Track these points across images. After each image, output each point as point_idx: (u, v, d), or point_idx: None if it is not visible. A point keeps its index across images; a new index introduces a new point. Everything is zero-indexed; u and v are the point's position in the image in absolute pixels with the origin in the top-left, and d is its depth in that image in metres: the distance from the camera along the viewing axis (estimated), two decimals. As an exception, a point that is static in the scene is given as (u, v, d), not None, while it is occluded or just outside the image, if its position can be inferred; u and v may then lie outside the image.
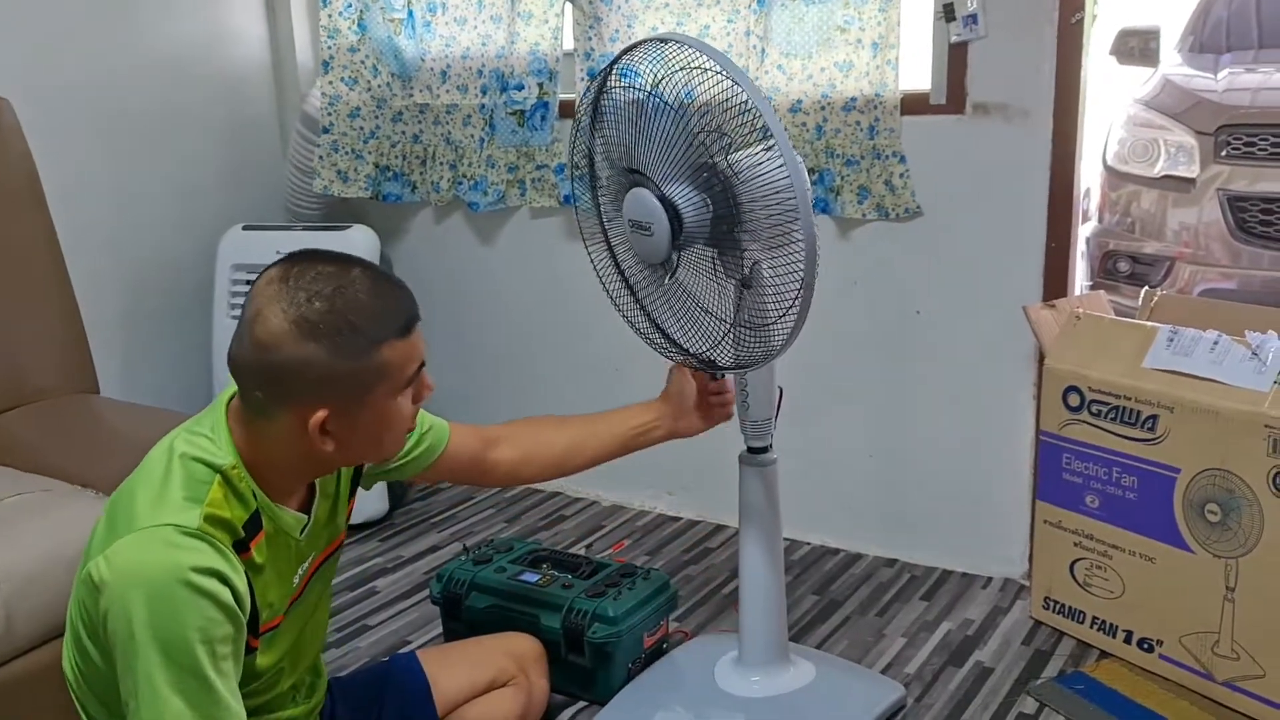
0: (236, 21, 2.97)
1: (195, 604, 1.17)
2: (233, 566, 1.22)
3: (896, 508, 2.56)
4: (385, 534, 2.80)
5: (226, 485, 1.25)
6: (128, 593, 1.17)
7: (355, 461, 1.45)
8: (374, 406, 1.29)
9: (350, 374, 1.25)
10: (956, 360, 2.41)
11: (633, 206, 1.64)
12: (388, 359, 1.27)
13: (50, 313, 2.27)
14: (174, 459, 1.26)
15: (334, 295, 1.24)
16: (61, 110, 2.55)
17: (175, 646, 1.16)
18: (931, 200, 2.36)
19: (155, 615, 1.16)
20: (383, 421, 1.31)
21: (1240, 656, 1.91)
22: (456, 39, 2.79)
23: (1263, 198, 3.45)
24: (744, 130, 1.53)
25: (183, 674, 1.17)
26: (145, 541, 1.19)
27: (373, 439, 1.34)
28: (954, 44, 2.25)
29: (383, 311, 1.27)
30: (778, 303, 1.60)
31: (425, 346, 1.35)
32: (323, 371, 1.23)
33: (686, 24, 2.48)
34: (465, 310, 3.05)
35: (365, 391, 1.27)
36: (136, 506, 1.23)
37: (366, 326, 1.25)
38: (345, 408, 1.26)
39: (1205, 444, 1.91)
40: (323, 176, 2.91)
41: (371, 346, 1.25)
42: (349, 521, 1.55)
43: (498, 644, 1.83)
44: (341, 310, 1.23)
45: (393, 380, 1.29)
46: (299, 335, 1.22)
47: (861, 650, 2.19)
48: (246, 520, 1.27)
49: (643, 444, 1.82)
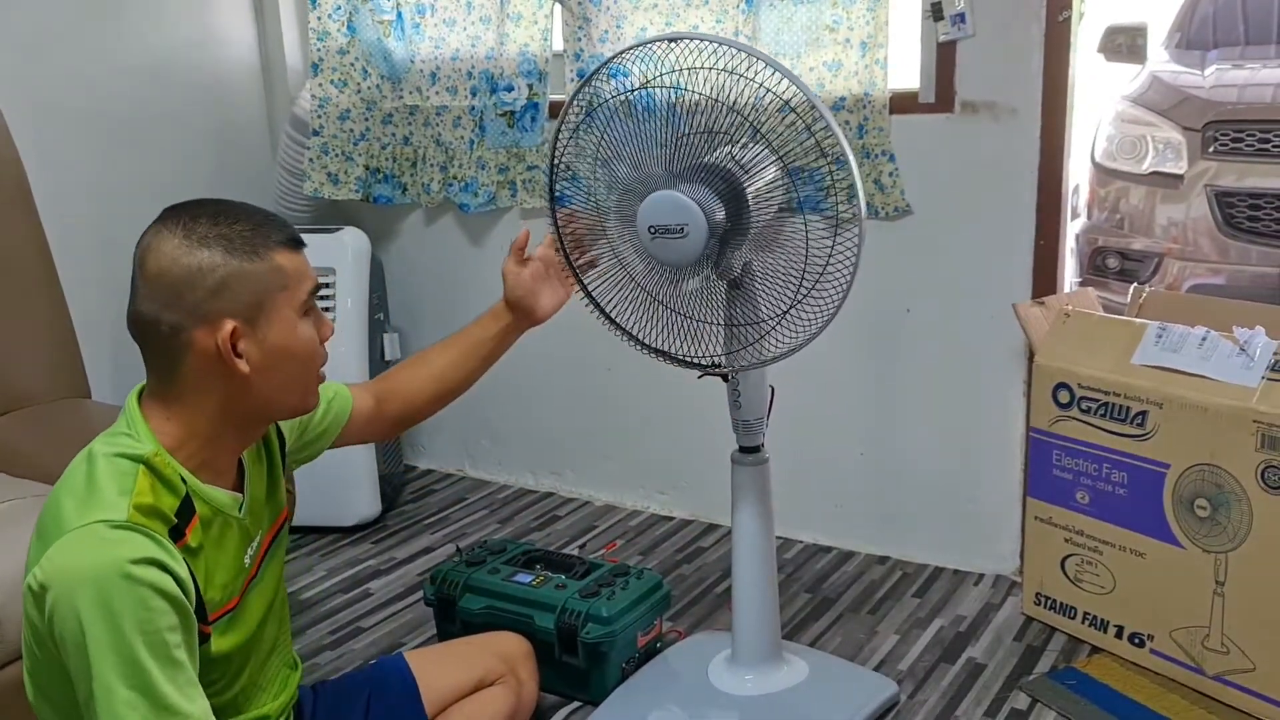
0: (225, 24, 2.97)
1: (138, 595, 1.15)
2: (170, 554, 1.20)
3: (888, 505, 2.57)
4: (378, 536, 2.80)
5: (152, 474, 1.24)
6: (70, 594, 1.15)
7: (277, 405, 1.37)
8: (279, 319, 1.28)
9: (247, 275, 1.25)
10: (947, 358, 2.42)
11: (655, 211, 1.61)
12: (282, 264, 1.28)
13: (41, 317, 2.27)
14: (94, 461, 1.25)
15: (216, 214, 1.27)
16: (50, 114, 2.55)
17: (124, 640, 1.15)
18: (921, 199, 2.36)
19: (101, 611, 1.14)
20: (292, 341, 1.29)
21: (1230, 650, 1.93)
22: (446, 40, 2.79)
23: (1250, 193, 3.47)
24: (793, 131, 1.53)
25: (134, 667, 1.15)
26: (78, 541, 1.17)
27: (286, 364, 1.30)
28: (942, 43, 2.26)
29: (267, 222, 1.30)
30: (770, 303, 1.60)
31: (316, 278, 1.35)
32: (220, 275, 1.24)
33: (675, 24, 2.49)
34: (457, 311, 3.03)
35: (266, 296, 1.26)
36: (63, 512, 1.21)
37: (254, 232, 1.27)
38: (251, 319, 1.26)
39: (1194, 439, 1.92)
40: (313, 179, 2.91)
41: (263, 249, 1.27)
42: (293, 504, 1.55)
43: (486, 644, 1.82)
44: (228, 221, 1.27)
45: (291, 291, 1.28)
46: (191, 247, 1.24)
47: (854, 648, 2.20)
48: (178, 507, 1.25)
49: (510, 343, 1.83)
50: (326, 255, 2.72)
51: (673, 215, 1.59)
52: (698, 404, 2.56)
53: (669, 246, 1.61)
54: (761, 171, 1.60)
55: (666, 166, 1.63)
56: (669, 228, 1.60)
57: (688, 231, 1.59)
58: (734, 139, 1.59)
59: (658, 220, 1.61)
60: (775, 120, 1.55)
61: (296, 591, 2.51)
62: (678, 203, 1.59)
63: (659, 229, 1.61)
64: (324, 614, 2.41)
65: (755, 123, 1.55)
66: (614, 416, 2.89)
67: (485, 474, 3.15)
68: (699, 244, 1.59)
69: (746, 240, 1.63)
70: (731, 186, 1.60)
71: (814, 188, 1.57)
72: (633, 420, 2.86)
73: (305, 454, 1.61)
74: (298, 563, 2.65)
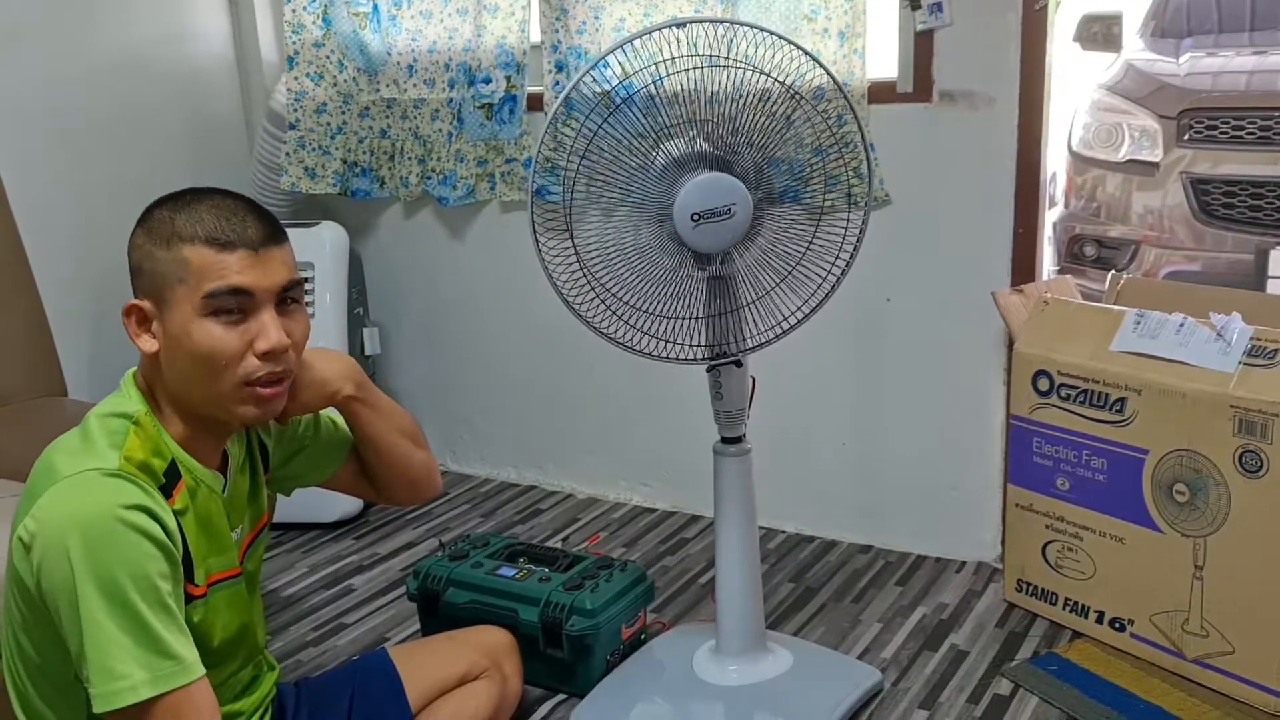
0: (199, 18, 2.94)
1: (130, 539, 1.16)
2: (159, 505, 1.22)
3: (870, 494, 2.58)
4: (360, 531, 2.79)
5: (141, 432, 1.27)
6: (61, 539, 1.16)
7: (198, 401, 1.32)
8: (177, 312, 1.28)
9: (154, 260, 1.28)
10: (927, 347, 2.42)
11: (701, 196, 1.62)
12: (188, 258, 1.27)
13: (17, 315, 2.25)
14: (89, 422, 1.29)
15: (181, 202, 1.30)
16: (21, 112, 2.52)
17: (116, 584, 1.15)
18: (899, 188, 2.37)
19: (92, 554, 1.15)
20: (184, 337, 1.27)
21: (1210, 634, 1.94)
22: (422, 33, 2.77)
23: (1225, 180, 3.50)
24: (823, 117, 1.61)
25: (125, 611, 1.15)
26: (70, 488, 1.19)
27: (186, 360, 1.28)
28: (920, 32, 2.26)
29: (206, 219, 1.29)
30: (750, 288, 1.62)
31: (264, 283, 1.30)
32: (136, 256, 1.30)
33: (654, 15, 2.48)
34: (436, 305, 3.04)
35: (165, 286, 1.28)
36: (55, 466, 1.23)
37: (181, 224, 1.28)
38: (156, 304, 1.29)
39: (1172, 425, 1.93)
40: (290, 173, 2.89)
41: (176, 239, 1.28)
42: (273, 505, 1.56)
43: (469, 637, 1.82)
44: (173, 209, 1.30)
45: (189, 286, 1.27)
46: (139, 225, 1.31)
47: (838, 636, 2.20)
48: (165, 468, 1.27)
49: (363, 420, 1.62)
50: (304, 250, 2.69)
51: (721, 197, 1.63)
52: (680, 396, 2.57)
53: (716, 230, 1.64)
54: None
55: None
56: (716, 211, 1.63)
57: (734, 212, 1.63)
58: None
59: (705, 205, 1.63)
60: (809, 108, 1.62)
61: (279, 589, 2.50)
62: (725, 184, 1.62)
63: (704, 214, 1.63)
64: (306, 611, 2.40)
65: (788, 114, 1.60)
66: (596, 409, 2.89)
67: (467, 468, 3.14)
68: (744, 222, 1.65)
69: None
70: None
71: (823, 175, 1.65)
72: (615, 413, 2.86)
73: (294, 469, 1.59)
74: (279, 560, 2.64)
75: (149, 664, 1.16)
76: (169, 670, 1.18)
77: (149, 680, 1.16)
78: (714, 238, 1.65)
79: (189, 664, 1.20)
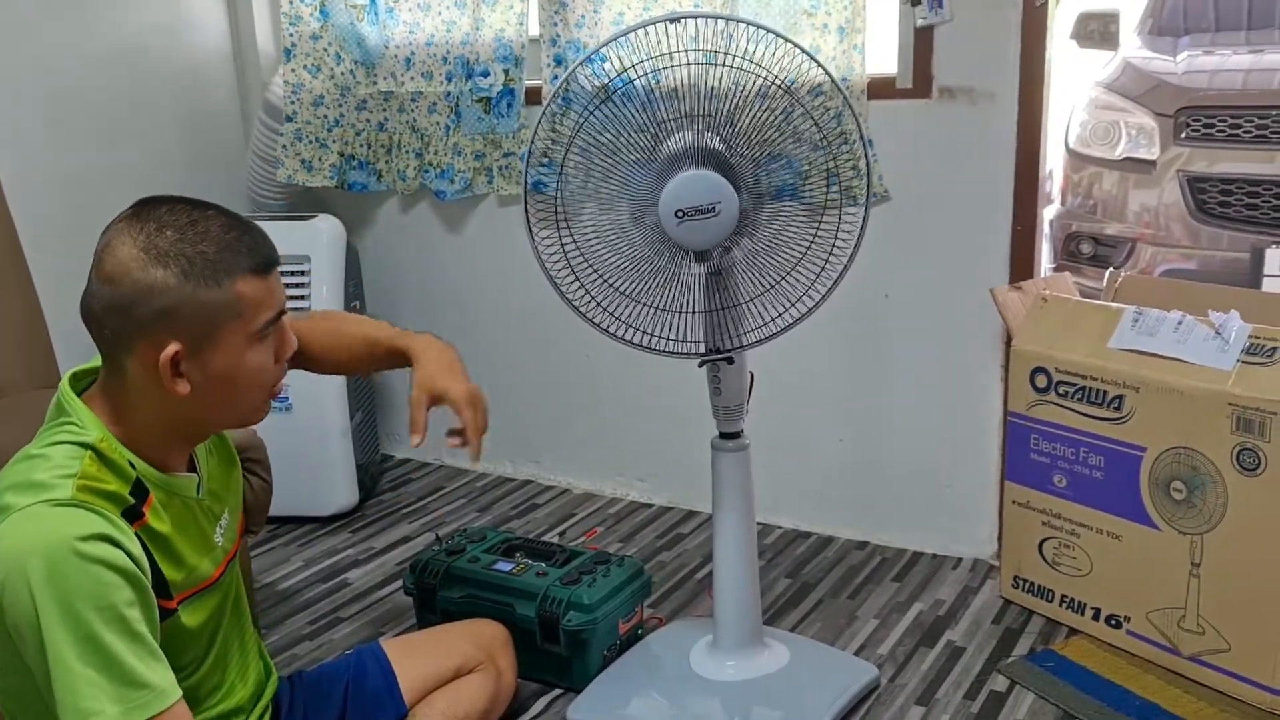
0: (196, 9, 2.93)
1: (89, 571, 1.13)
2: (121, 531, 1.18)
3: (867, 490, 2.58)
4: (356, 525, 2.78)
5: (98, 459, 1.21)
6: (19, 575, 1.12)
7: (217, 420, 1.36)
8: (226, 348, 1.24)
9: (200, 304, 1.21)
10: (925, 343, 2.42)
11: (685, 192, 1.60)
12: (241, 293, 1.24)
13: (11, 307, 2.24)
14: (31, 456, 1.22)
15: (186, 227, 1.22)
16: (17, 102, 2.51)
17: (80, 619, 1.12)
18: (898, 184, 2.37)
19: (53, 590, 1.12)
20: (237, 369, 1.26)
21: (1206, 631, 1.95)
22: (420, 25, 2.76)
23: (1221, 178, 3.50)
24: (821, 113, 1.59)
25: (91, 645, 1.12)
26: (21, 523, 1.15)
27: (227, 389, 1.27)
28: (919, 28, 2.26)
29: (238, 245, 1.24)
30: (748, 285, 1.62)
31: (284, 296, 1.31)
32: (171, 299, 1.20)
33: (653, 9, 2.48)
34: (433, 299, 3.03)
35: (215, 326, 1.23)
36: (3, 502, 1.18)
37: (219, 257, 1.22)
38: (196, 345, 1.23)
39: (1170, 423, 1.93)
40: (287, 166, 2.88)
41: (224, 276, 1.22)
42: (269, 495, 1.55)
43: (464, 631, 1.82)
44: (194, 240, 1.22)
45: (245, 320, 1.25)
46: (147, 262, 1.20)
47: (835, 632, 2.20)
48: (130, 489, 1.22)
49: (383, 368, 1.75)
50: (301, 243, 2.70)
51: (706, 195, 1.60)
52: (677, 390, 2.57)
53: (701, 228, 1.61)
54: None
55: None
56: (701, 208, 1.60)
57: (719, 210, 1.60)
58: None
59: (689, 202, 1.60)
60: (809, 103, 1.61)
61: (274, 582, 2.49)
62: (710, 181, 1.59)
63: (689, 211, 1.60)
64: (302, 604, 2.40)
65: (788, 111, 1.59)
66: (592, 403, 2.88)
67: (463, 462, 3.13)
68: (731, 220, 1.61)
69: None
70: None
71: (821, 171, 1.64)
72: (611, 407, 2.86)
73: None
74: (275, 553, 2.63)
75: (120, 696, 1.13)
76: (142, 700, 1.15)
77: (121, 714, 1.13)
78: (699, 235, 1.63)
79: (161, 690, 1.17)
